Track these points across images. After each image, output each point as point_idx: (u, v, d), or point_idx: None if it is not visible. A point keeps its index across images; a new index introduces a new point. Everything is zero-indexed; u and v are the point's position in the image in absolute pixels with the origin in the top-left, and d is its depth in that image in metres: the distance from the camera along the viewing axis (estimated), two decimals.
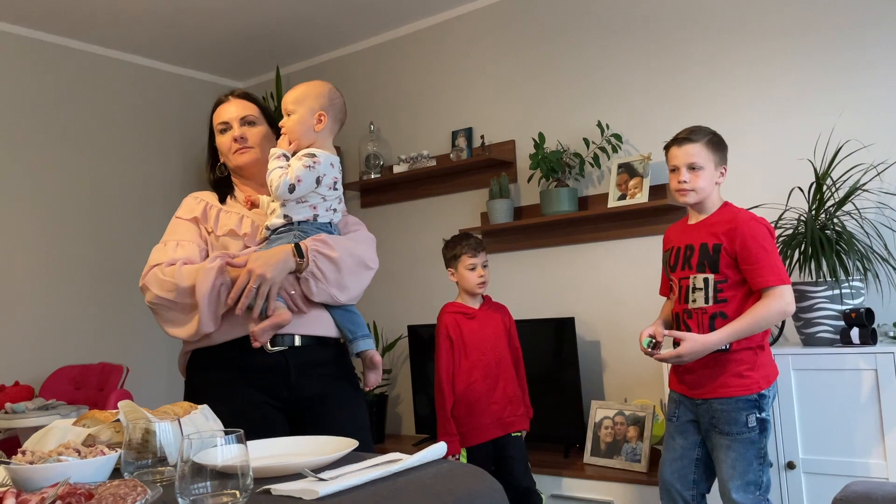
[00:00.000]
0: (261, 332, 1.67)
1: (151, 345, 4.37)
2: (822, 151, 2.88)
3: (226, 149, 1.91)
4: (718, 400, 2.14)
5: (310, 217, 1.80)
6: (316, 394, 1.79)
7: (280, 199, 1.76)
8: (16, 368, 3.71)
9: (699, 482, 2.26)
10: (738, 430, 2.12)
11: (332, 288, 1.76)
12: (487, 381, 2.80)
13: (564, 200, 3.43)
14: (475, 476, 1.11)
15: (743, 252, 2.11)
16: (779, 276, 2.09)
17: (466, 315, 2.87)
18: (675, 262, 2.27)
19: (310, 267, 1.72)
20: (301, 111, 1.81)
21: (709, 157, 2.18)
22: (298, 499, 1.01)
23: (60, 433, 1.29)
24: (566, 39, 3.65)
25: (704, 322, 2.16)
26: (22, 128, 3.93)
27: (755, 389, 2.13)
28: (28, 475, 1.06)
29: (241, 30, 4.16)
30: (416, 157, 3.98)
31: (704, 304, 2.16)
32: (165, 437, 1.16)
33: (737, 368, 2.13)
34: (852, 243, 2.58)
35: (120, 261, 4.26)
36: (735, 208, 2.23)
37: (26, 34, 3.96)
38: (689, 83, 3.29)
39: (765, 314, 2.08)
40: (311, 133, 1.81)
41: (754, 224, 2.14)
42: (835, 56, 2.95)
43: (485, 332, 2.85)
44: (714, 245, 2.16)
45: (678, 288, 2.24)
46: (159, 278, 1.75)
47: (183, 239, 1.82)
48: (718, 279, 2.15)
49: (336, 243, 1.77)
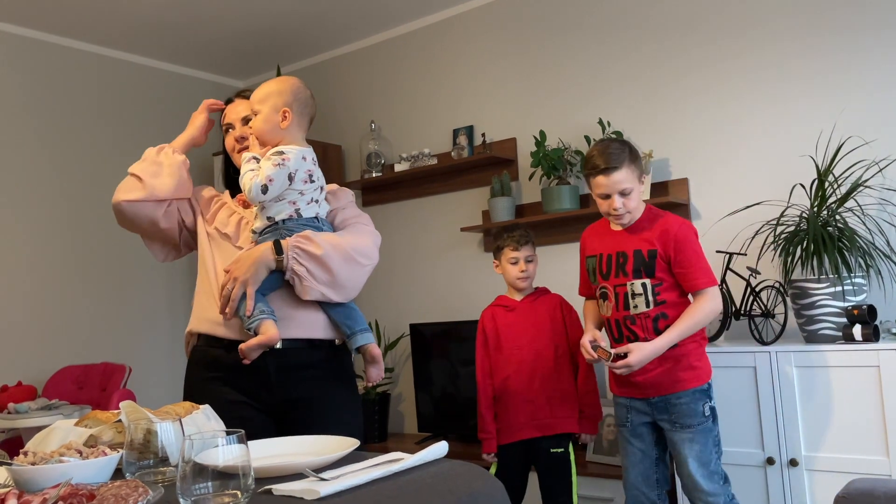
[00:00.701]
0: (248, 350, 1.66)
1: (154, 345, 4.37)
2: (824, 148, 2.87)
3: (230, 148, 1.96)
4: (675, 395, 2.22)
5: (292, 213, 1.77)
6: (302, 397, 1.77)
7: (255, 201, 1.74)
8: (18, 368, 3.71)
9: (661, 481, 2.33)
10: (698, 422, 2.21)
11: (321, 286, 1.72)
12: (521, 376, 2.64)
13: (566, 198, 3.43)
14: (476, 475, 1.11)
15: (677, 256, 2.20)
16: (709, 277, 2.20)
17: (506, 308, 2.75)
18: (606, 269, 2.30)
19: (291, 265, 1.70)
20: (265, 110, 1.79)
21: (634, 177, 2.22)
22: (300, 499, 1.01)
23: (62, 434, 1.29)
24: (567, 37, 3.64)
25: (648, 325, 2.22)
26: (23, 128, 3.93)
27: (705, 379, 2.25)
28: (30, 476, 1.06)
29: (242, 29, 4.16)
30: (417, 156, 3.97)
31: (646, 309, 2.22)
32: (167, 438, 1.16)
33: (687, 361, 2.22)
34: (854, 240, 2.57)
35: (123, 261, 4.26)
36: (658, 211, 2.29)
37: (26, 34, 3.96)
38: (690, 80, 3.28)
39: (702, 315, 2.20)
40: (278, 130, 1.80)
41: (686, 229, 2.23)
42: (836, 52, 2.94)
43: (523, 326, 2.70)
44: (649, 251, 2.22)
45: (614, 295, 2.27)
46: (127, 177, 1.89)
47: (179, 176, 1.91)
48: (654, 283, 2.22)
49: (320, 239, 1.73)
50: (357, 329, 1.79)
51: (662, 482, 2.34)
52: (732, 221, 3.02)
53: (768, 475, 2.56)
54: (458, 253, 3.99)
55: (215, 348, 1.80)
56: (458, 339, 3.68)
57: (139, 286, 4.34)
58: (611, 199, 2.22)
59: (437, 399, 3.79)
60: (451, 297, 4.00)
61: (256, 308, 1.68)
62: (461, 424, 3.70)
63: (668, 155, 3.32)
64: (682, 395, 2.22)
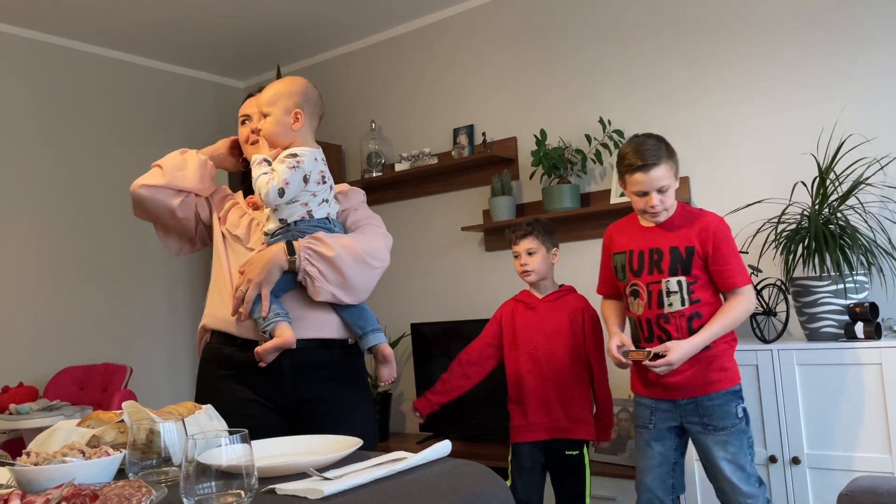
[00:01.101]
0: (264, 353, 1.66)
1: (155, 345, 4.37)
2: (826, 146, 2.87)
3: (244, 140, 1.95)
4: (707, 396, 2.17)
5: (304, 215, 1.77)
6: (314, 397, 1.78)
7: (271, 205, 1.74)
8: (20, 369, 3.71)
9: (677, 486, 2.29)
10: (731, 423, 2.16)
11: (333, 287, 1.73)
12: (535, 376, 2.58)
13: (567, 197, 3.42)
14: (480, 475, 1.11)
15: (715, 253, 2.17)
16: (745, 276, 2.19)
17: (527, 305, 2.67)
18: (638, 266, 2.24)
19: (303, 266, 1.70)
20: (276, 112, 1.78)
21: (672, 173, 2.19)
22: (303, 498, 1.00)
23: (65, 434, 1.29)
24: (567, 35, 3.64)
25: (682, 325, 2.18)
26: (24, 128, 3.93)
27: (737, 380, 2.21)
28: (33, 476, 1.06)
29: (242, 29, 4.16)
30: (417, 155, 3.97)
31: (681, 307, 2.18)
32: (170, 438, 1.16)
33: (719, 362, 2.19)
34: (856, 238, 2.57)
35: (124, 261, 4.26)
36: (692, 208, 2.27)
37: (27, 35, 3.96)
38: (691, 78, 3.28)
39: (738, 314, 2.17)
40: (290, 132, 1.79)
41: (724, 227, 2.21)
42: (837, 49, 2.94)
43: (541, 326, 2.62)
44: (687, 248, 2.18)
45: (646, 293, 2.21)
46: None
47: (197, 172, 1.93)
48: (690, 281, 2.18)
49: (332, 241, 1.73)
50: (369, 329, 1.80)
51: (678, 487, 2.29)
52: (733, 219, 3.00)
53: (771, 473, 2.56)
54: (458, 252, 3.99)
55: (228, 346, 1.79)
56: (460, 338, 3.67)
57: (140, 287, 4.34)
58: (648, 196, 2.17)
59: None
60: (452, 296, 4.00)
61: (271, 310, 1.69)
62: (462, 424, 3.70)
63: None
64: (714, 397, 2.17)
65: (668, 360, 2.11)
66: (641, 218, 2.27)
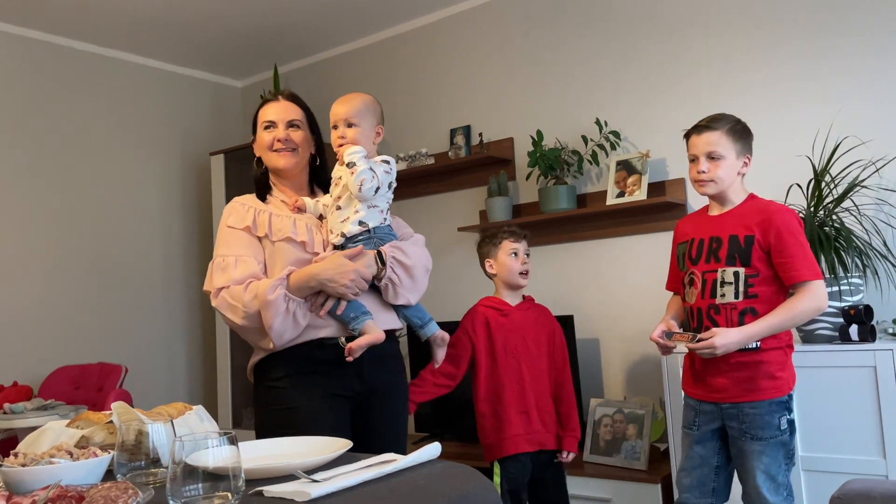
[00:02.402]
0: (358, 348, 1.78)
1: (150, 345, 4.37)
2: (821, 148, 2.87)
3: (266, 145, 1.96)
4: (750, 404, 2.04)
5: (381, 222, 1.91)
6: (384, 384, 1.94)
7: (365, 200, 1.85)
8: (14, 368, 3.71)
9: (719, 491, 2.17)
10: (770, 434, 2.03)
11: (407, 293, 1.91)
12: (516, 387, 2.57)
13: (563, 198, 3.42)
14: (468, 477, 1.11)
15: (778, 244, 2.01)
16: (814, 270, 2.00)
17: (500, 312, 2.65)
18: (696, 254, 2.13)
19: (388, 274, 1.86)
20: (365, 126, 1.90)
21: (730, 146, 2.07)
22: (290, 500, 1.00)
23: (54, 435, 1.29)
24: (564, 36, 3.64)
25: (734, 318, 2.04)
26: (20, 127, 3.92)
27: (786, 391, 2.05)
28: (20, 477, 1.05)
29: (239, 28, 4.16)
30: (414, 156, 3.97)
31: (734, 300, 2.04)
32: (158, 439, 1.16)
33: (768, 370, 2.03)
34: (851, 240, 2.57)
35: (120, 261, 4.26)
36: (762, 199, 2.12)
37: (25, 34, 3.95)
38: (687, 80, 3.28)
39: (801, 310, 2.00)
40: (371, 146, 1.92)
41: (790, 216, 2.05)
42: (834, 51, 2.94)
43: (518, 335, 2.62)
44: (746, 237, 2.05)
45: (701, 282, 2.10)
46: (229, 303, 1.81)
47: (242, 254, 1.87)
48: (749, 273, 2.04)
49: (409, 251, 1.92)
50: (427, 319, 1.99)
51: (721, 492, 2.17)
52: None
53: None
54: (455, 253, 3.98)
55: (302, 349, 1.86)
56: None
57: (136, 286, 4.34)
58: (697, 160, 2.09)
59: (434, 399, 3.78)
60: (448, 296, 3.99)
61: (356, 309, 1.83)
62: (459, 425, 3.69)
63: (665, 155, 3.32)
64: (757, 406, 2.03)
65: (711, 343, 1.97)
66: (695, 186, 2.16)
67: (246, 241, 1.89)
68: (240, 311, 1.79)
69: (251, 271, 1.84)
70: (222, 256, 1.87)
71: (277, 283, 1.78)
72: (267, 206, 1.95)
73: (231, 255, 1.86)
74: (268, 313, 1.76)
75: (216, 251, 1.91)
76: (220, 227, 1.95)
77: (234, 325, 1.84)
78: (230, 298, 1.81)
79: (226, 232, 1.91)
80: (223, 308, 1.82)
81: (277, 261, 1.87)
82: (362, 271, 1.81)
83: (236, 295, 1.80)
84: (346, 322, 1.84)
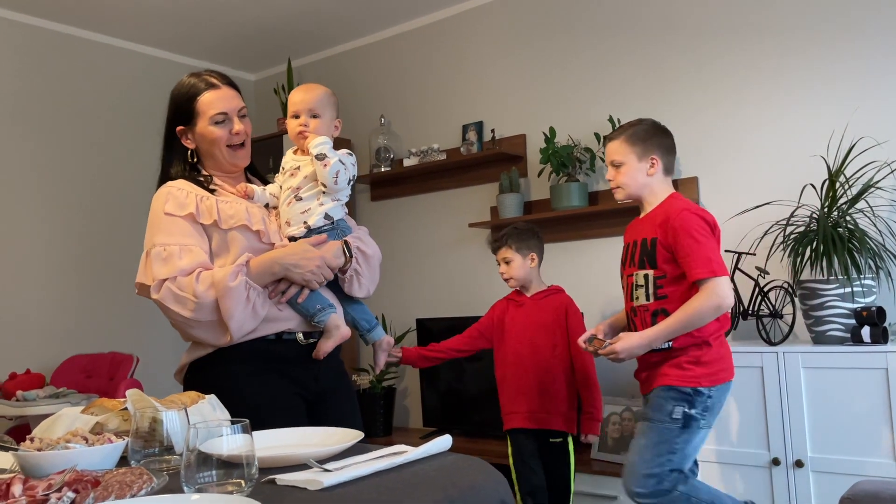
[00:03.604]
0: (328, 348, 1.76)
1: (161, 335, 4.38)
2: (836, 148, 2.85)
3: (221, 140, 1.80)
4: (655, 390, 2.10)
5: (343, 215, 1.88)
6: (331, 386, 1.86)
7: (336, 192, 1.82)
8: (27, 356, 3.74)
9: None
10: (658, 418, 2.05)
11: (369, 283, 1.86)
12: (517, 369, 2.76)
13: (575, 195, 3.42)
14: (478, 469, 1.11)
15: (675, 244, 2.05)
16: (709, 267, 2.00)
17: (516, 303, 2.86)
18: (623, 259, 2.23)
19: (353, 265, 1.81)
20: (327, 117, 1.86)
21: (628, 152, 2.15)
22: (303, 489, 1.01)
23: (69, 421, 1.30)
24: (578, 33, 3.63)
25: (647, 319, 2.11)
26: (31, 118, 3.95)
27: (692, 383, 2.04)
28: (36, 462, 1.07)
29: (253, 22, 4.17)
30: (426, 151, 3.97)
31: (646, 302, 2.10)
32: (172, 426, 1.17)
33: (677, 360, 2.07)
34: (865, 241, 2.56)
35: (130, 251, 4.27)
36: (680, 201, 2.13)
37: (40, 24, 3.98)
38: (701, 79, 3.26)
39: (697, 309, 2.00)
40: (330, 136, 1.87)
41: (686, 214, 2.05)
42: (850, 51, 2.92)
43: (526, 322, 2.79)
44: (651, 239, 2.10)
45: (626, 286, 2.20)
46: (176, 294, 1.64)
47: (186, 243, 1.69)
48: (657, 275, 2.09)
49: (367, 241, 1.89)
50: (374, 324, 1.95)
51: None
52: (742, 221, 3.01)
53: (773, 476, 2.55)
54: (465, 249, 3.99)
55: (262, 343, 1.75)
56: None
57: None
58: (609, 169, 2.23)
59: (442, 394, 3.80)
60: (458, 292, 4.00)
61: (320, 300, 1.77)
62: (466, 419, 3.70)
63: (678, 154, 3.29)
64: (658, 390, 2.08)
65: (613, 348, 2.05)
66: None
67: (188, 230, 1.70)
68: (190, 304, 1.63)
69: (199, 260, 1.67)
70: (163, 245, 1.68)
71: (237, 270, 1.64)
72: (207, 193, 1.76)
73: (174, 244, 1.68)
74: (228, 302, 1.61)
75: (153, 239, 1.71)
76: (153, 213, 1.75)
77: (178, 320, 1.67)
78: (177, 290, 1.64)
79: (163, 219, 1.71)
80: (168, 300, 1.65)
81: (230, 250, 1.72)
82: (328, 258, 1.74)
83: (185, 286, 1.63)
84: (309, 315, 1.75)
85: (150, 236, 1.72)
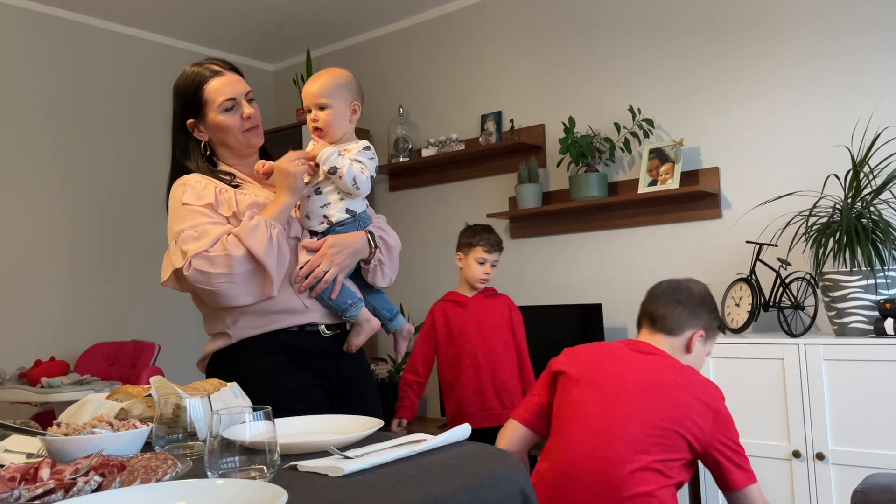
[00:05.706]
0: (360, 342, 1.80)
1: (183, 323, 4.43)
2: (860, 138, 2.81)
3: (234, 129, 1.78)
4: None
5: (364, 207, 1.85)
6: (356, 376, 1.87)
7: (364, 194, 1.80)
8: (51, 344, 3.80)
9: None
10: None
11: (391, 273, 1.87)
12: (470, 369, 2.83)
13: (594, 186, 3.40)
14: (498, 458, 1.12)
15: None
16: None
17: (457, 304, 2.92)
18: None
19: (377, 255, 1.81)
20: (338, 104, 1.76)
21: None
22: (324, 475, 1.02)
23: (94, 406, 1.32)
24: (598, 23, 3.60)
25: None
26: (53, 108, 3.99)
27: None
28: (63, 447, 1.08)
29: (272, 12, 4.18)
30: (444, 141, 3.97)
31: None
32: (196, 413, 1.18)
33: None
34: (889, 232, 2.52)
35: (153, 240, 4.32)
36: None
37: (60, 14, 4.02)
38: (723, 68, 3.23)
39: None
40: (347, 125, 1.80)
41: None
42: (875, 40, 2.87)
43: (474, 322, 2.87)
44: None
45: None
46: (210, 257, 1.61)
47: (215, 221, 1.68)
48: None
49: (388, 230, 1.89)
50: (395, 312, 1.94)
51: None
52: (764, 211, 2.98)
53: (794, 468, 2.54)
54: None
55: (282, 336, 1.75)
56: None
57: None
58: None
59: None
60: None
61: (350, 294, 1.77)
62: None
63: (700, 143, 3.28)
64: None
65: None
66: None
67: (209, 219, 1.68)
68: (222, 259, 1.60)
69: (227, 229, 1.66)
70: (192, 227, 1.65)
71: (251, 214, 1.65)
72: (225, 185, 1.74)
73: (201, 225, 1.65)
74: (255, 242, 1.60)
75: (176, 227, 1.67)
76: (172, 206, 1.72)
77: (220, 283, 1.62)
78: (211, 254, 1.61)
79: (182, 209, 1.68)
80: (203, 265, 1.60)
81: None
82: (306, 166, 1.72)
83: (216, 249, 1.61)
84: (340, 310, 1.76)
85: (174, 225, 1.70)
